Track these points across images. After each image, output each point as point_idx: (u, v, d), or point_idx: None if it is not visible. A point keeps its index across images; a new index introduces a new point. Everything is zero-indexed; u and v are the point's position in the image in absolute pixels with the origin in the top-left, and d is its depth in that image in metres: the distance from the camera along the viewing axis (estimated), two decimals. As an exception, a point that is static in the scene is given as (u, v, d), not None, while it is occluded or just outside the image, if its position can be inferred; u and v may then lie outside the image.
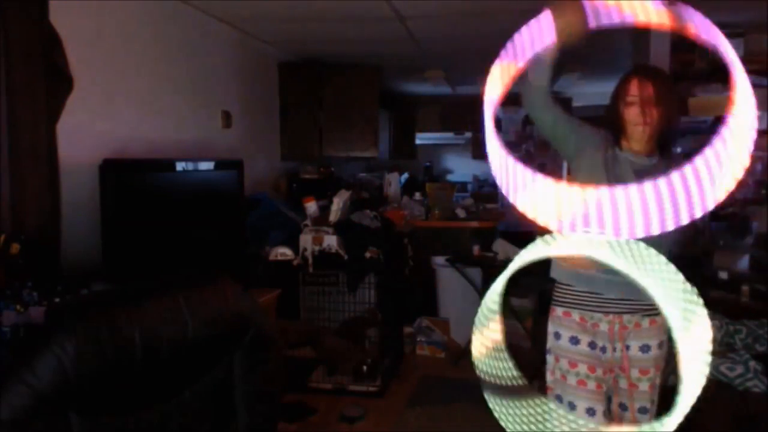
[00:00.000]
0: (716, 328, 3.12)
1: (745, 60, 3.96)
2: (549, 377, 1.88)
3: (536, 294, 4.82)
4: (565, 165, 7.16)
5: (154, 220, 2.54)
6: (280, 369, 1.50)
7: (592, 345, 1.81)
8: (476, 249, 4.51)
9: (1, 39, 2.06)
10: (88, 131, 2.51)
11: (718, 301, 3.44)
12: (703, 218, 3.86)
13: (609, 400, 1.88)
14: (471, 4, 3.32)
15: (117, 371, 1.16)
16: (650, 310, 1.82)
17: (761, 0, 3.19)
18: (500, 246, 4.24)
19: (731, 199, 4.06)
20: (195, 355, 1.31)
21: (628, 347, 1.82)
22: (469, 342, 4.08)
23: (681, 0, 0.67)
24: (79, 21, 2.45)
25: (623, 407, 1.87)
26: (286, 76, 4.71)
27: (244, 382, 1.41)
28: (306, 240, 3.57)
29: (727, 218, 3.97)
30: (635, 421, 1.80)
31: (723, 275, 3.64)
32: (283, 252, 3.57)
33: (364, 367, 3.60)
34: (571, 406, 1.79)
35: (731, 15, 3.56)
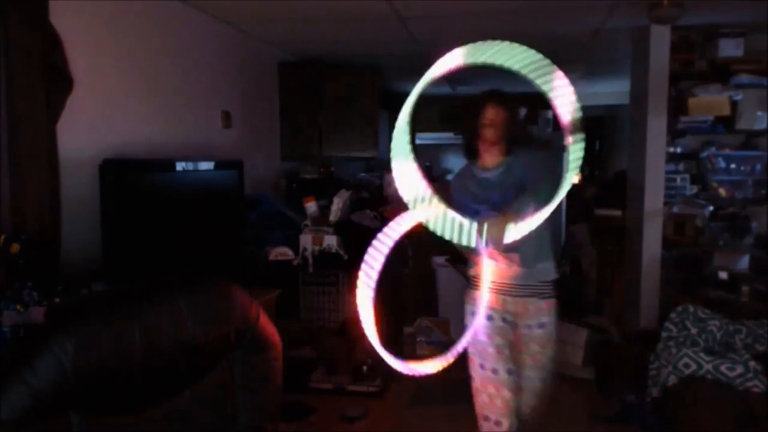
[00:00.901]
0: (716, 328, 3.12)
1: (745, 60, 4.00)
2: (472, 351, 2.18)
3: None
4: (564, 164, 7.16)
5: (154, 220, 2.54)
6: (280, 369, 1.50)
7: (503, 320, 2.14)
8: (476, 249, 4.50)
9: (1, 39, 2.06)
10: (88, 131, 2.51)
11: (718, 301, 3.44)
12: (703, 218, 3.86)
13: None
14: (471, 4, 3.32)
15: (117, 371, 1.16)
16: (546, 291, 2.17)
17: (761, 0, 3.19)
18: (500, 246, 4.23)
19: (731, 199, 4.06)
20: (195, 356, 1.31)
21: (528, 325, 2.16)
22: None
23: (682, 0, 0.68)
24: (79, 21, 2.45)
25: (524, 377, 2.19)
26: (286, 76, 4.71)
27: (244, 382, 1.41)
28: (306, 240, 3.57)
29: (727, 218, 3.97)
30: (535, 389, 2.16)
31: (723, 275, 3.64)
32: (283, 252, 3.57)
33: (364, 367, 3.60)
34: (497, 371, 2.11)
35: (731, 15, 3.55)
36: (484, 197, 2.09)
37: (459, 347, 1.62)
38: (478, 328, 2.08)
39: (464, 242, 1.68)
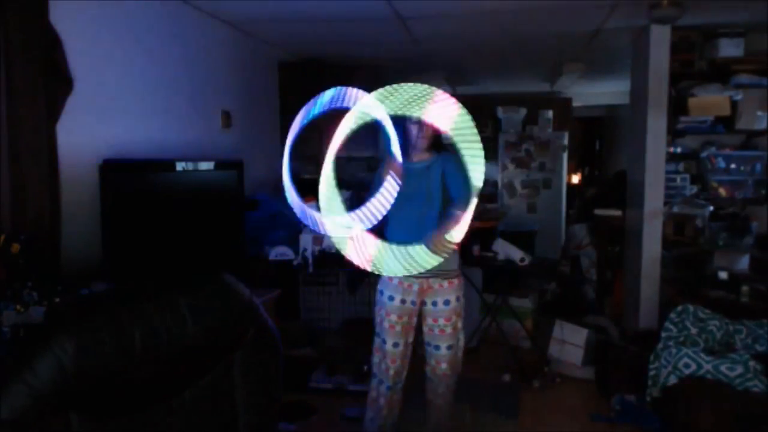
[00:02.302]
0: (716, 328, 3.12)
1: (745, 60, 3.99)
2: (376, 321, 2.56)
3: (536, 294, 4.83)
4: (564, 162, 7.15)
5: (154, 220, 2.54)
6: (280, 369, 1.50)
7: (403, 301, 2.47)
8: (476, 249, 4.50)
9: (1, 39, 2.06)
10: (88, 131, 2.51)
11: (718, 301, 3.44)
12: (703, 218, 3.85)
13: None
14: (471, 4, 3.32)
15: (117, 371, 1.16)
16: (449, 274, 2.46)
17: (761, 0, 3.19)
18: (500, 246, 4.23)
19: (731, 199, 4.06)
20: (195, 355, 1.31)
21: (434, 303, 2.47)
22: (468, 342, 4.08)
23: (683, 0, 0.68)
24: (79, 21, 2.45)
25: (436, 347, 2.52)
26: (286, 76, 4.70)
27: (245, 381, 1.41)
28: (306, 240, 3.57)
29: (727, 218, 3.97)
30: (445, 356, 2.50)
31: (723, 275, 3.64)
32: (283, 252, 3.57)
33: (364, 367, 3.60)
34: (385, 342, 2.51)
35: (731, 15, 3.56)
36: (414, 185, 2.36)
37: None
38: (380, 305, 2.51)
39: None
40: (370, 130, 2.04)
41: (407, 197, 2.08)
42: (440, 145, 2.51)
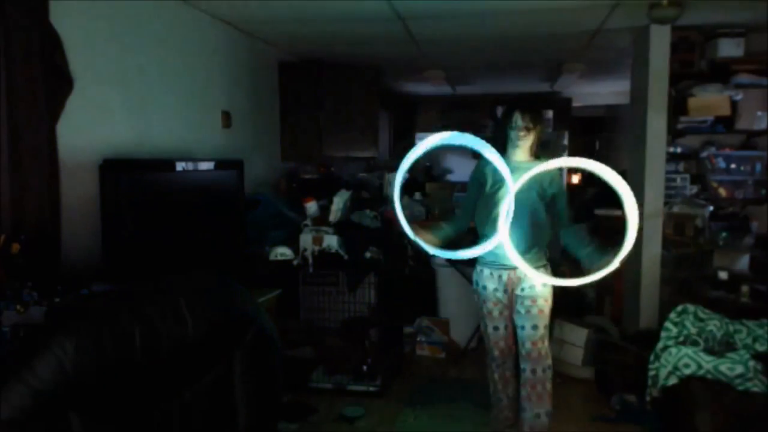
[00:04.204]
0: (716, 328, 3.12)
1: (745, 60, 3.99)
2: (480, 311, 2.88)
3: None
4: (565, 152, 7.15)
5: (154, 220, 2.54)
6: (279, 369, 1.50)
7: (496, 290, 2.77)
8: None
9: (1, 39, 2.06)
10: (88, 131, 2.51)
11: (718, 301, 3.44)
12: (703, 218, 3.85)
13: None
14: (471, 4, 3.32)
15: (117, 371, 1.16)
16: (536, 267, 2.65)
17: (761, 0, 3.19)
18: (500, 246, 4.23)
19: (731, 199, 4.06)
20: (195, 355, 1.31)
21: (522, 288, 2.73)
22: (469, 342, 4.10)
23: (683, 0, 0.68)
24: (79, 21, 2.45)
25: (522, 327, 2.74)
26: (286, 76, 4.70)
27: (244, 381, 1.41)
28: (306, 240, 3.57)
29: (727, 218, 3.97)
30: (530, 336, 2.71)
31: (723, 275, 3.64)
32: (283, 252, 3.57)
33: (364, 367, 3.60)
34: (487, 327, 2.85)
35: (731, 15, 3.56)
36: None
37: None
38: (478, 295, 2.84)
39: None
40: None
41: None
42: None
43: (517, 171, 2.31)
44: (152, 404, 1.25)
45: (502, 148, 2.65)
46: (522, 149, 2.67)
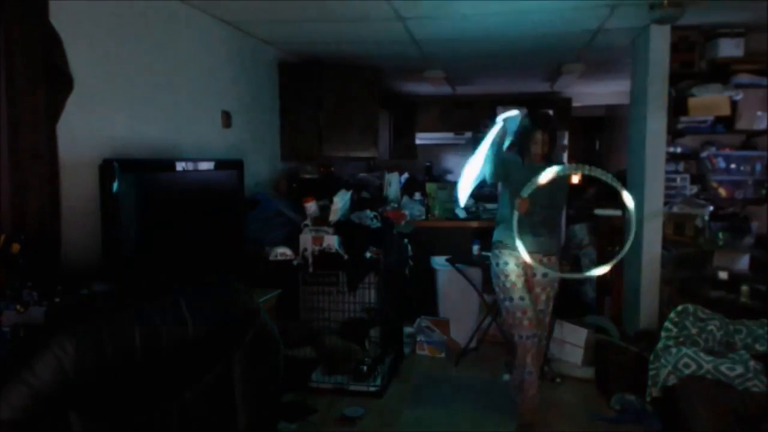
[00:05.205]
0: (716, 328, 3.12)
1: (745, 60, 3.99)
2: (497, 290, 3.18)
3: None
4: (565, 152, 7.14)
5: (154, 220, 2.54)
6: (279, 369, 1.50)
7: (517, 265, 3.07)
8: (476, 249, 4.51)
9: (1, 39, 2.06)
10: (88, 131, 2.51)
11: (718, 301, 3.44)
12: (703, 218, 3.86)
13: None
14: (471, 4, 3.32)
15: (117, 371, 1.16)
16: (549, 253, 3.15)
17: (761, 0, 3.19)
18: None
19: (731, 199, 4.06)
20: (195, 355, 1.31)
21: (544, 274, 3.09)
22: (469, 342, 4.11)
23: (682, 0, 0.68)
24: (79, 21, 2.45)
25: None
26: (286, 76, 4.70)
27: (244, 381, 1.41)
28: (306, 240, 3.57)
29: (727, 218, 3.96)
30: (540, 317, 3.10)
31: (723, 275, 3.64)
32: (283, 252, 3.57)
33: (364, 367, 3.60)
34: (512, 299, 3.07)
35: (731, 15, 3.55)
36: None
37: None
38: (498, 272, 3.12)
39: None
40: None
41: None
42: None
43: (533, 170, 2.95)
44: (152, 404, 1.25)
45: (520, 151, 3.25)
46: (538, 155, 3.15)
